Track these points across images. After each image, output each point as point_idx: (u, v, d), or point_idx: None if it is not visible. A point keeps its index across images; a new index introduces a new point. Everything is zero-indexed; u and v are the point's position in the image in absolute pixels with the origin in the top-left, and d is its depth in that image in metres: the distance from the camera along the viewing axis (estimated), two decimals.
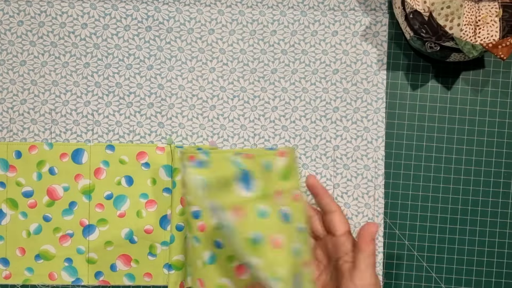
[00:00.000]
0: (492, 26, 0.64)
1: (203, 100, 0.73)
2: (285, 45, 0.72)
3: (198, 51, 0.72)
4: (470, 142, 0.73)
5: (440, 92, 0.73)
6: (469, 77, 0.73)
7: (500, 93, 0.73)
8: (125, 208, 0.72)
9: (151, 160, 0.72)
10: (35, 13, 0.72)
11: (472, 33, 0.63)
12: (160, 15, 0.72)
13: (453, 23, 0.63)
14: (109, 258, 0.72)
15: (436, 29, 0.63)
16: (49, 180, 0.72)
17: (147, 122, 0.72)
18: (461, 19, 0.63)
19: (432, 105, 0.73)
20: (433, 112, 0.73)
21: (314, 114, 0.72)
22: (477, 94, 0.73)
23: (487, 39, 0.63)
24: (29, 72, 0.72)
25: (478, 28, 0.64)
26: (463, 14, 0.63)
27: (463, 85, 0.73)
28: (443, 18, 0.63)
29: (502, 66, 0.73)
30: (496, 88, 0.73)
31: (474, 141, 0.73)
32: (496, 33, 0.64)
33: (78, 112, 0.72)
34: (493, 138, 0.73)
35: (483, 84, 0.73)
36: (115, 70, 0.72)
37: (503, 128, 0.73)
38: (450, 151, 0.74)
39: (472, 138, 0.73)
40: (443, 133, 0.73)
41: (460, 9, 0.63)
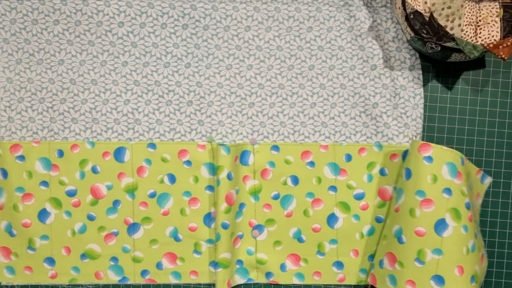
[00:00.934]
0: (493, 27, 0.64)
1: (242, 97, 0.73)
2: (322, 41, 0.73)
3: (235, 48, 0.73)
4: (470, 142, 0.74)
5: (440, 92, 0.74)
6: (469, 77, 0.73)
7: (500, 93, 0.73)
8: (169, 206, 0.73)
9: (192, 158, 0.73)
10: (71, 11, 0.72)
11: (473, 33, 0.64)
12: (196, 12, 0.72)
13: (454, 23, 0.63)
14: (155, 256, 0.73)
15: (437, 30, 0.63)
16: (92, 178, 0.73)
17: (187, 120, 0.73)
18: (462, 19, 0.63)
19: (432, 105, 0.74)
20: (433, 112, 0.74)
21: (353, 110, 0.73)
22: (477, 94, 0.73)
23: (488, 39, 0.64)
24: (68, 71, 0.72)
25: (479, 28, 0.64)
26: (464, 15, 0.63)
27: (463, 85, 0.74)
28: (444, 19, 0.63)
29: (502, 66, 0.73)
30: (496, 88, 0.73)
31: (474, 141, 0.74)
32: (497, 33, 0.64)
33: (118, 111, 0.73)
34: (493, 138, 0.74)
35: (483, 84, 0.73)
36: (153, 68, 0.73)
37: (503, 128, 0.74)
38: None
39: (472, 138, 0.74)
40: (443, 133, 0.74)
41: (461, 9, 0.63)
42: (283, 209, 0.73)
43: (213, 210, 0.73)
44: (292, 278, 0.74)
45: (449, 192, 0.65)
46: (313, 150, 0.73)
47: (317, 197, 0.73)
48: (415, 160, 0.66)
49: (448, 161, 0.65)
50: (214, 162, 0.72)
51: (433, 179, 0.65)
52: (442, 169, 0.65)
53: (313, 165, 0.73)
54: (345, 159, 0.73)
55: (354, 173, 0.73)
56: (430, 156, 0.65)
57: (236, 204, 0.72)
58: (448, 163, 0.65)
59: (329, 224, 0.73)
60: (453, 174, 0.65)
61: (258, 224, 0.73)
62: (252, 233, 0.72)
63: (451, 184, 0.65)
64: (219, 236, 0.71)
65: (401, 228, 0.66)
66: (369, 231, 0.73)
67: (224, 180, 0.71)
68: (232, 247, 0.72)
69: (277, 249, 0.73)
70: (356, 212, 0.73)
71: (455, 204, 0.65)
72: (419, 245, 0.65)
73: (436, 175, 0.65)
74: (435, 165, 0.65)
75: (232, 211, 0.72)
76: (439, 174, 0.65)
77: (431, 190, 0.65)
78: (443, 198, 0.65)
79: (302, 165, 0.73)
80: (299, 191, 0.73)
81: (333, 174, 0.73)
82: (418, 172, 0.66)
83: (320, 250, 0.73)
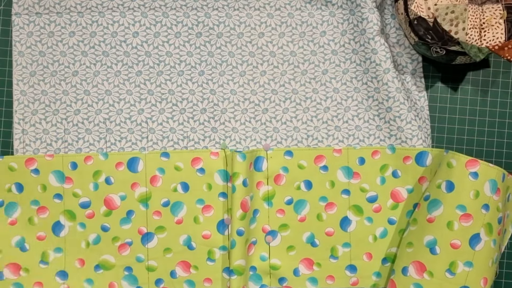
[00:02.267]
0: (497, 28, 0.64)
1: (255, 103, 0.73)
2: (335, 45, 0.72)
3: (249, 55, 0.73)
4: (470, 142, 0.73)
5: (440, 92, 0.73)
6: (470, 77, 0.73)
7: (501, 93, 0.73)
8: (182, 215, 0.72)
9: (206, 165, 0.72)
10: (87, 23, 0.72)
11: (478, 36, 0.63)
12: (210, 20, 0.73)
13: (458, 27, 0.63)
14: (169, 265, 0.72)
15: (441, 35, 0.63)
16: (105, 190, 0.72)
17: (200, 127, 0.73)
18: (466, 23, 0.63)
19: (432, 105, 0.73)
20: (433, 112, 0.73)
21: (367, 113, 0.72)
22: (478, 94, 0.73)
23: (492, 41, 0.63)
24: (82, 82, 0.73)
25: (483, 31, 0.63)
26: (467, 18, 0.63)
27: (464, 85, 0.73)
28: (448, 23, 0.63)
29: (502, 67, 0.73)
30: (496, 88, 0.73)
31: (474, 141, 0.73)
32: (501, 35, 0.64)
33: (132, 120, 0.73)
34: (493, 138, 0.73)
35: (483, 84, 0.73)
36: (167, 77, 0.73)
37: (503, 128, 0.73)
38: None
39: (472, 138, 0.73)
40: (443, 133, 0.73)
41: (464, 13, 0.63)
42: (297, 214, 0.72)
43: (226, 217, 0.72)
44: (306, 283, 0.73)
45: (487, 208, 0.65)
46: (327, 155, 0.72)
47: (330, 201, 0.72)
48: (460, 174, 0.66)
49: (491, 178, 0.65)
50: (229, 169, 0.71)
51: (475, 195, 0.65)
52: (484, 186, 0.65)
53: (326, 169, 0.72)
54: (358, 163, 0.71)
55: (367, 176, 0.72)
56: (476, 172, 0.65)
57: (250, 211, 0.70)
58: (490, 180, 0.65)
59: (342, 228, 0.72)
60: (493, 190, 0.65)
61: (271, 230, 0.72)
62: (266, 239, 0.71)
63: (490, 200, 0.65)
64: (234, 243, 0.70)
65: (435, 239, 0.66)
66: (382, 233, 0.72)
67: (240, 187, 0.70)
68: (246, 253, 0.70)
69: (291, 254, 0.72)
70: (369, 215, 0.72)
71: (490, 219, 0.65)
72: (452, 257, 0.65)
73: (478, 191, 0.65)
74: (479, 181, 0.65)
75: (246, 217, 0.70)
76: (482, 190, 0.65)
77: (472, 205, 0.65)
78: (481, 214, 0.65)
79: (316, 170, 0.72)
80: (312, 195, 0.72)
81: (346, 177, 0.72)
82: (462, 187, 0.65)
83: (333, 254, 0.72)
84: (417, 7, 0.63)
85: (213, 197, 0.72)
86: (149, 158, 0.72)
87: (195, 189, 0.72)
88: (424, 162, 0.71)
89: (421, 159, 0.71)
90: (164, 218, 0.72)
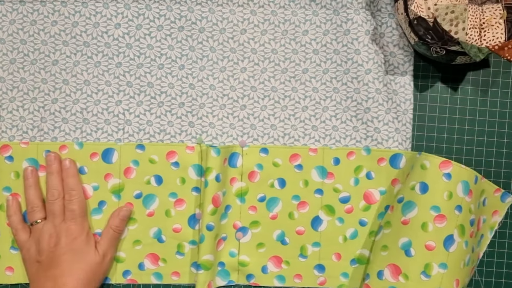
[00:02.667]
0: (497, 28, 0.64)
1: (234, 99, 0.72)
2: (317, 44, 0.72)
3: (230, 51, 0.73)
4: (470, 142, 0.73)
5: (440, 92, 0.73)
6: (470, 77, 0.73)
7: (500, 93, 0.73)
8: (154, 207, 0.71)
9: (180, 159, 0.71)
10: (69, 13, 0.72)
11: (478, 36, 0.63)
12: (193, 15, 0.72)
13: (458, 27, 0.63)
14: (137, 257, 0.72)
15: (441, 35, 0.63)
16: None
17: (177, 121, 0.72)
18: (466, 23, 0.63)
19: (432, 105, 0.73)
20: (433, 112, 0.73)
21: (344, 114, 0.72)
22: (477, 94, 0.73)
23: (492, 41, 0.63)
24: (61, 71, 0.72)
25: (483, 31, 0.63)
26: (467, 18, 0.63)
27: (464, 85, 0.73)
28: (448, 23, 0.63)
29: (502, 66, 0.73)
30: (496, 88, 0.73)
31: (474, 141, 0.73)
32: (501, 35, 0.63)
33: (110, 112, 0.72)
34: (493, 138, 0.73)
35: (483, 84, 0.73)
36: (147, 69, 0.72)
37: (503, 128, 0.73)
38: (450, 151, 0.73)
39: (472, 138, 0.73)
40: (443, 133, 0.73)
41: (464, 13, 0.63)
42: (269, 212, 0.71)
43: (197, 212, 0.71)
44: (273, 280, 0.72)
45: (460, 209, 0.65)
46: (302, 153, 0.71)
47: (303, 199, 0.71)
48: (434, 175, 0.66)
49: (464, 179, 0.65)
50: (203, 164, 0.71)
51: (448, 196, 0.65)
52: (457, 187, 0.65)
53: (301, 168, 0.71)
54: (333, 163, 0.71)
55: (341, 176, 0.71)
56: (449, 173, 0.65)
57: (222, 206, 0.69)
58: (463, 181, 0.65)
59: (313, 227, 0.71)
60: (466, 192, 0.65)
61: (242, 226, 0.71)
62: (236, 235, 0.70)
63: (463, 202, 0.65)
64: (203, 238, 0.69)
65: (410, 241, 0.65)
66: (352, 234, 0.71)
67: (212, 182, 0.69)
68: (215, 249, 0.69)
69: (260, 251, 0.71)
70: (340, 215, 0.71)
71: (463, 220, 0.65)
72: (427, 259, 0.65)
73: (451, 192, 0.65)
74: (452, 182, 0.65)
75: (218, 213, 0.70)
76: (454, 191, 0.65)
77: (446, 206, 0.65)
78: (455, 215, 0.65)
79: (290, 168, 0.71)
80: (285, 193, 0.71)
81: (320, 177, 0.71)
82: (436, 188, 0.65)
83: (303, 253, 0.71)
84: (417, 7, 0.63)
85: (186, 191, 0.71)
86: (124, 150, 0.72)
87: (168, 182, 0.71)
88: (398, 164, 0.70)
89: (395, 161, 0.70)
90: (136, 210, 0.71)
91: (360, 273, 0.72)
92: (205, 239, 0.69)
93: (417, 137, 0.73)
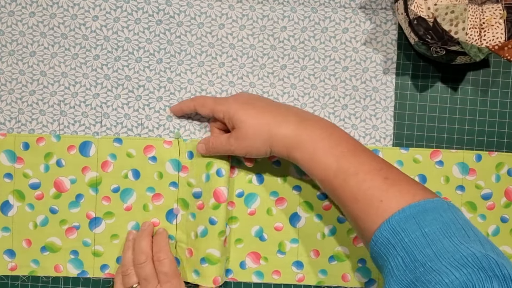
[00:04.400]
0: (497, 28, 0.64)
1: (212, 95, 0.72)
2: (295, 41, 0.72)
3: (208, 45, 0.72)
4: (470, 142, 0.73)
5: (440, 92, 0.73)
6: (469, 77, 0.73)
7: (501, 93, 0.73)
8: (132, 202, 0.72)
9: (158, 154, 0.72)
10: (48, 4, 0.72)
11: (478, 36, 0.63)
12: (171, 9, 0.72)
13: (458, 27, 0.63)
14: (115, 251, 0.72)
15: (441, 35, 0.63)
16: (56, 172, 0.72)
17: (155, 115, 0.72)
18: (466, 23, 0.63)
19: (432, 105, 0.73)
20: (433, 112, 0.73)
21: (322, 111, 0.72)
22: (478, 94, 0.73)
23: (492, 41, 0.63)
24: (39, 63, 0.72)
25: (483, 31, 0.63)
26: (467, 18, 0.63)
27: (464, 85, 0.73)
28: (448, 23, 0.63)
29: (502, 66, 0.73)
30: (496, 88, 0.73)
31: (474, 141, 0.73)
32: (501, 35, 0.64)
33: (87, 104, 0.72)
34: (493, 138, 0.73)
35: (483, 84, 0.73)
36: (124, 63, 0.72)
37: (503, 128, 0.73)
38: None
39: (472, 138, 0.73)
40: (443, 133, 0.73)
41: (464, 13, 0.63)
42: (247, 207, 0.72)
43: (175, 206, 0.71)
44: (251, 276, 0.72)
45: (462, 188, 0.71)
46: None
47: (281, 196, 0.72)
48: (428, 166, 0.71)
49: (458, 161, 0.71)
50: (181, 159, 0.71)
51: (445, 180, 0.71)
52: (452, 170, 0.71)
53: (279, 165, 0.72)
54: None
55: None
56: (441, 160, 0.71)
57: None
58: (458, 163, 0.71)
59: (291, 223, 0.72)
60: (465, 172, 0.71)
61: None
62: None
63: (464, 181, 0.71)
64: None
65: None
66: (330, 231, 0.72)
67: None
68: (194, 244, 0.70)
69: (238, 246, 0.72)
70: (318, 212, 0.71)
71: (470, 197, 0.71)
72: None
73: (448, 176, 0.71)
74: (446, 167, 0.71)
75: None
76: (451, 174, 0.71)
77: (445, 190, 0.71)
78: (457, 194, 0.71)
79: (269, 164, 0.72)
80: (264, 189, 0.72)
81: (298, 174, 0.71)
82: (432, 176, 0.71)
83: (281, 249, 0.72)
84: (417, 7, 0.63)
85: (163, 186, 0.72)
86: (102, 143, 0.72)
87: (146, 177, 0.72)
88: None
89: None
90: (113, 204, 0.72)
91: (339, 270, 0.73)
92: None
93: (417, 137, 0.73)
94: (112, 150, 0.72)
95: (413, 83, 0.73)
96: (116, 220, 0.72)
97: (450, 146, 0.73)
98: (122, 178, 0.72)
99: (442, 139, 0.73)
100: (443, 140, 0.73)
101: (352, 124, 0.72)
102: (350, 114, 0.72)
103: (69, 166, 0.72)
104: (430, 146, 0.73)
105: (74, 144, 0.72)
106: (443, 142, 0.73)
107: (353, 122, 0.72)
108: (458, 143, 0.73)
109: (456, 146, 0.73)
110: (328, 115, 0.72)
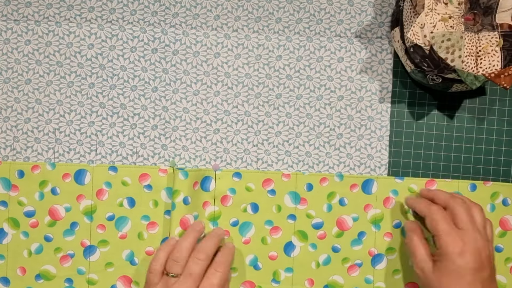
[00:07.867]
0: (494, 56, 0.64)
1: (207, 123, 0.73)
2: (290, 70, 0.72)
3: (203, 74, 0.73)
4: (467, 170, 0.73)
5: (436, 120, 0.73)
6: (466, 105, 0.74)
7: (497, 121, 0.73)
8: (127, 230, 0.72)
9: (153, 182, 0.72)
10: (43, 32, 0.72)
11: (474, 64, 0.63)
12: (166, 37, 0.72)
13: (454, 55, 0.63)
14: (110, 279, 0.72)
15: (437, 62, 0.63)
16: (51, 200, 0.72)
17: (150, 144, 0.72)
18: (462, 50, 0.63)
19: (428, 133, 0.73)
20: (430, 140, 0.73)
21: (318, 140, 0.73)
22: (474, 121, 0.73)
23: (489, 69, 0.63)
24: (34, 91, 0.72)
25: (479, 58, 0.64)
26: (463, 46, 0.63)
27: (460, 113, 0.74)
28: (444, 51, 0.63)
29: (498, 94, 0.73)
30: (493, 116, 0.74)
31: (470, 169, 0.73)
32: (498, 62, 0.64)
33: (82, 132, 0.72)
34: (489, 166, 0.73)
35: (479, 111, 0.74)
36: (120, 91, 0.72)
37: (500, 156, 0.73)
38: (447, 179, 0.74)
39: (468, 165, 0.73)
40: (439, 161, 0.73)
41: (461, 40, 0.63)
42: (241, 236, 0.72)
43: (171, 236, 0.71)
44: None
45: None
46: (275, 179, 0.72)
47: (276, 225, 0.72)
48: None
49: (455, 191, 0.72)
50: (172, 186, 0.71)
51: None
52: None
53: (274, 193, 0.72)
54: (306, 189, 0.72)
55: (314, 202, 0.72)
56: None
57: None
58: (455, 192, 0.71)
59: (285, 252, 0.72)
60: None
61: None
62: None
63: None
64: None
65: None
66: (325, 260, 0.72)
67: (180, 204, 0.70)
68: None
69: (233, 275, 0.72)
70: (313, 241, 0.72)
71: None
72: None
73: None
74: None
75: None
76: None
77: None
78: None
79: (263, 193, 0.72)
80: (258, 218, 0.72)
81: (293, 203, 0.72)
82: None
83: (276, 278, 0.72)
84: (413, 35, 0.63)
85: (158, 214, 0.72)
86: (97, 171, 0.72)
87: (141, 205, 0.72)
88: (370, 189, 0.71)
89: (367, 187, 0.71)
90: (108, 232, 0.72)
91: None
92: None
93: (413, 165, 0.73)
94: (107, 178, 0.72)
95: (410, 111, 0.74)
96: (110, 248, 0.72)
97: (446, 173, 0.73)
98: (117, 206, 0.72)
99: (439, 167, 0.73)
100: (440, 168, 0.73)
101: (347, 153, 0.72)
102: (345, 143, 0.72)
103: (64, 194, 0.72)
104: (426, 173, 0.73)
105: (69, 172, 0.72)
106: (439, 169, 0.73)
107: (348, 151, 0.72)
108: (454, 171, 0.73)
109: (453, 174, 0.73)
110: (323, 144, 0.73)
